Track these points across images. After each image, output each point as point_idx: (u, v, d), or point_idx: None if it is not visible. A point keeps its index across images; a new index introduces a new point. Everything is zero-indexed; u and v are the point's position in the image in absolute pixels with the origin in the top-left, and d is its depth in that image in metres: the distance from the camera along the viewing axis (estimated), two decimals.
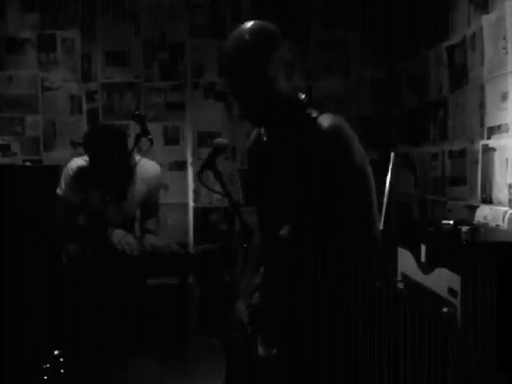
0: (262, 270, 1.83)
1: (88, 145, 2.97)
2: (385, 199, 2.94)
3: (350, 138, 1.67)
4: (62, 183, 3.06)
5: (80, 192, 3.02)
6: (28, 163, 4.07)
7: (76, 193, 3.03)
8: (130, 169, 2.93)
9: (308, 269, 1.70)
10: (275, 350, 1.71)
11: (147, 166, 3.12)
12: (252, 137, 2.00)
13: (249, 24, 1.67)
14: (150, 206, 3.21)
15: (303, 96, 1.75)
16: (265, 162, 1.86)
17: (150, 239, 3.14)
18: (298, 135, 1.71)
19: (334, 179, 1.65)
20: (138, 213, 3.20)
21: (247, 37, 1.63)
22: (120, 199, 2.88)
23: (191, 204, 4.25)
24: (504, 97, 2.64)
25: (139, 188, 3.11)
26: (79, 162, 3.10)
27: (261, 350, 1.74)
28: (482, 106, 2.85)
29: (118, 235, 2.95)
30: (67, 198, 3.03)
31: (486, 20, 2.79)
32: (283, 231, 1.69)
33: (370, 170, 1.71)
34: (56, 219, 3.01)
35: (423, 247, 2.32)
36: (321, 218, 1.69)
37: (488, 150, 2.79)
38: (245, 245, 2.13)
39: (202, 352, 3.06)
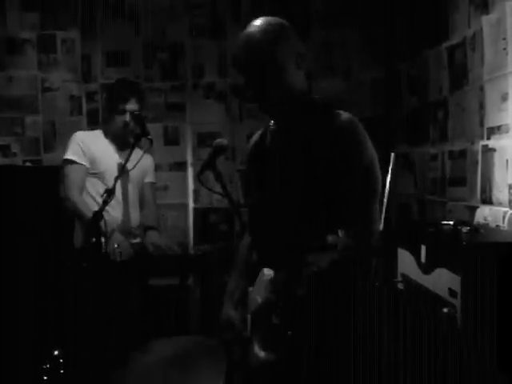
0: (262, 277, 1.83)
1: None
2: (385, 200, 2.94)
3: (365, 134, 1.75)
4: (70, 149, 3.08)
5: (88, 157, 3.06)
6: (28, 164, 4.07)
7: (85, 157, 3.06)
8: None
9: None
10: (273, 356, 1.71)
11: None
12: (256, 135, 2.02)
13: (259, 19, 1.79)
14: (145, 196, 3.25)
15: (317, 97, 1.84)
16: (270, 158, 1.88)
17: (151, 237, 3.13)
18: (312, 126, 1.75)
19: (341, 173, 1.66)
20: (136, 211, 3.20)
21: (257, 28, 1.74)
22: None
23: (191, 204, 4.25)
24: (504, 97, 2.64)
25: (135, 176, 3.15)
26: (84, 132, 3.26)
27: (259, 354, 1.73)
28: (481, 106, 2.85)
29: (117, 239, 2.93)
30: (76, 160, 3.05)
31: (486, 21, 2.79)
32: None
33: (378, 167, 1.75)
34: (68, 187, 3.01)
35: (423, 247, 2.32)
36: (324, 214, 1.69)
37: (488, 151, 2.79)
38: None
39: (201, 352, 3.06)
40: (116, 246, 2.87)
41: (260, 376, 1.75)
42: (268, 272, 1.80)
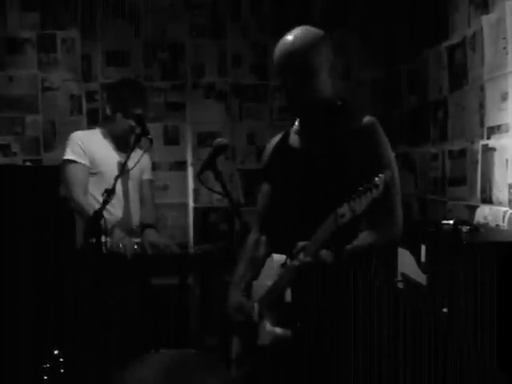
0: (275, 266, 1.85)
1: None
2: None
3: (384, 136, 1.86)
4: (70, 149, 3.03)
5: (88, 156, 3.02)
6: (28, 163, 4.07)
7: (85, 156, 3.01)
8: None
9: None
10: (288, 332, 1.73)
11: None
12: (277, 137, 2.10)
13: (301, 26, 1.90)
14: (143, 193, 3.23)
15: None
16: (295, 156, 1.95)
17: (149, 235, 3.12)
18: (335, 128, 1.88)
19: (365, 173, 1.69)
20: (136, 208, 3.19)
21: (298, 35, 1.86)
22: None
23: (191, 204, 4.25)
24: (504, 97, 2.64)
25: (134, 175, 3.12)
26: (82, 132, 3.20)
27: (274, 331, 1.75)
28: (481, 106, 2.85)
29: (117, 236, 2.93)
30: (77, 160, 3.00)
31: (486, 20, 2.79)
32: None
33: (396, 167, 1.86)
34: (71, 188, 2.97)
35: (423, 247, 2.32)
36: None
37: (488, 150, 2.79)
38: None
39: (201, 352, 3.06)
40: (119, 243, 2.86)
41: (273, 353, 1.78)
42: (278, 258, 1.82)
